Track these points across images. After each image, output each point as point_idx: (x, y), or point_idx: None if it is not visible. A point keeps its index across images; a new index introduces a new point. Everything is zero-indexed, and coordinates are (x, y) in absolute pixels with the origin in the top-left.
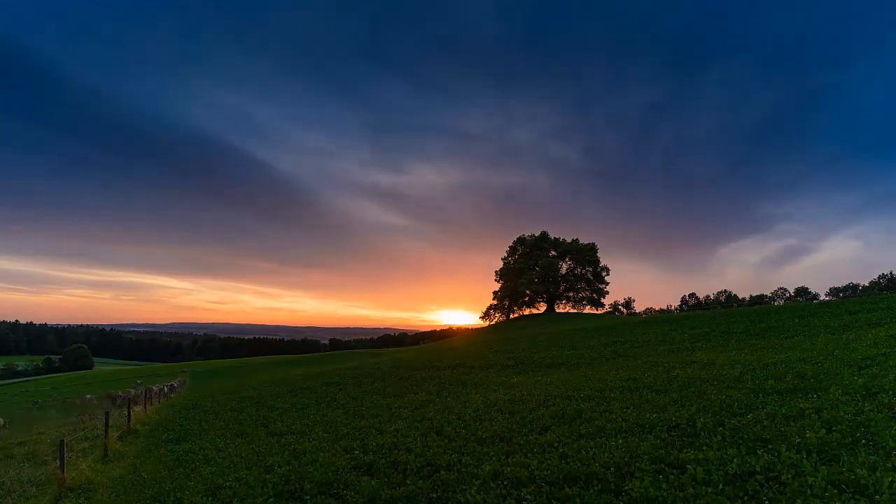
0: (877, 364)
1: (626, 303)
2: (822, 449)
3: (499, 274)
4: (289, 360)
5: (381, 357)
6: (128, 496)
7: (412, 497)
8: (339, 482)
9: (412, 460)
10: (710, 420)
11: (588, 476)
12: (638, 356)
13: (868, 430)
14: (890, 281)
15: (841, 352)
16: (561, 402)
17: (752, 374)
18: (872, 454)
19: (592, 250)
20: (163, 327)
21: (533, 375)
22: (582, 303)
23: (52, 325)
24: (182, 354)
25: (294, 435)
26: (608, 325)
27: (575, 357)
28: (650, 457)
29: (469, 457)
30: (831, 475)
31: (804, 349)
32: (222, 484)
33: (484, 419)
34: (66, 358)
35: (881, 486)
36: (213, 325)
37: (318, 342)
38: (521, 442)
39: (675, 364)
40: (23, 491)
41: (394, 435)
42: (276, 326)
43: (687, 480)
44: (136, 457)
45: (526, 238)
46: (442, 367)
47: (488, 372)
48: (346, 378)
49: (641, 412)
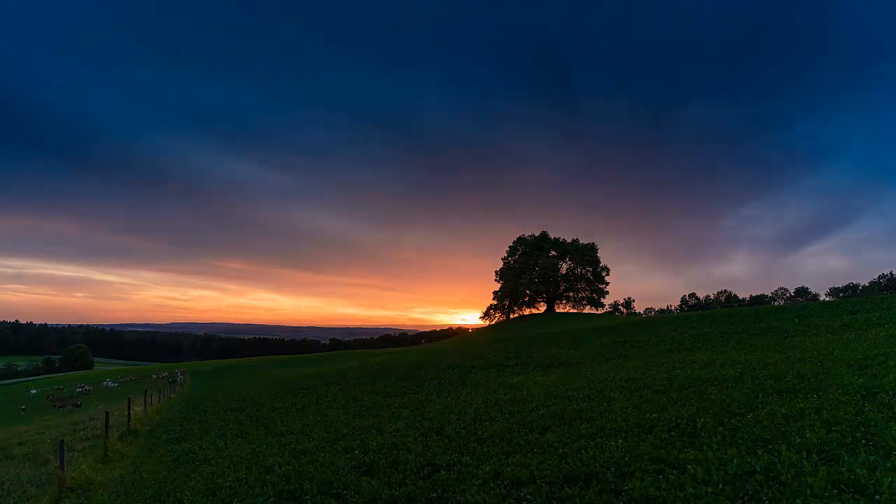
0: (877, 364)
1: (626, 303)
2: (822, 449)
3: (499, 274)
4: (289, 360)
5: (381, 357)
6: (128, 496)
7: (412, 497)
8: (339, 482)
9: (412, 460)
10: (710, 420)
11: (588, 476)
12: (638, 356)
13: (868, 430)
14: (890, 281)
15: (841, 352)
16: (561, 402)
17: (752, 374)
18: (872, 454)
19: (592, 250)
20: (163, 327)
21: (533, 375)
22: (582, 303)
23: (52, 325)
24: (182, 354)
25: (294, 435)
26: (608, 325)
27: (575, 357)
28: (650, 457)
29: (469, 457)
30: (831, 475)
31: (804, 349)
32: (222, 484)
33: (484, 419)
34: (66, 358)
35: (881, 486)
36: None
37: (318, 342)
38: (521, 442)
39: (675, 364)
40: (23, 491)
41: (394, 435)
42: (277, 326)
43: (687, 480)
44: (136, 457)
45: (526, 238)
46: (442, 367)
47: (488, 372)
48: (346, 378)
49: (641, 412)
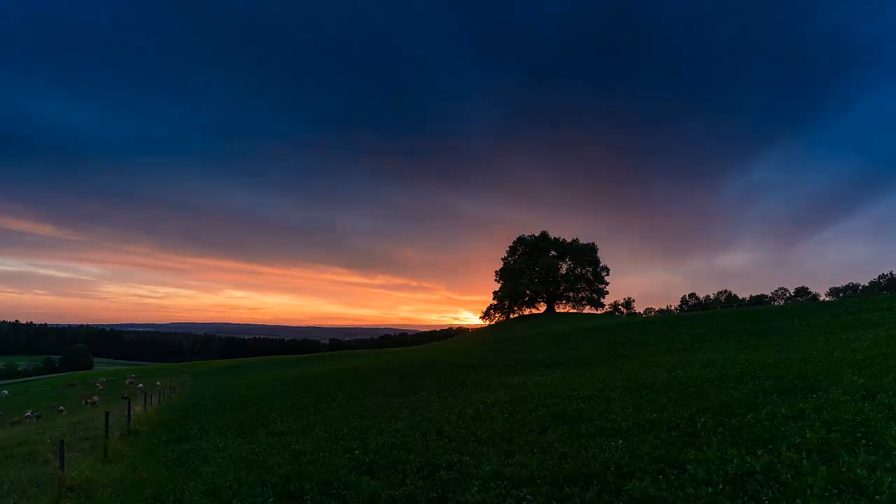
0: (877, 364)
1: (626, 303)
2: (822, 449)
3: (499, 274)
4: (289, 360)
5: (382, 357)
6: (128, 496)
7: (412, 497)
8: (339, 482)
9: (412, 460)
10: (710, 420)
11: (588, 476)
12: (638, 356)
13: (868, 430)
14: (890, 281)
15: (841, 352)
16: (561, 402)
17: (752, 374)
18: (872, 454)
19: (592, 250)
20: (163, 327)
21: (533, 375)
22: (582, 303)
23: (52, 325)
24: (182, 354)
25: (294, 435)
26: (608, 325)
27: (575, 357)
28: (650, 457)
29: (469, 457)
30: (831, 475)
31: (804, 349)
32: (222, 484)
33: (484, 419)
34: (66, 358)
35: (881, 486)
36: (214, 325)
37: (319, 342)
38: (521, 442)
39: (675, 364)
40: (23, 491)
41: (394, 435)
42: (277, 326)
43: (687, 480)
44: (136, 457)
45: (526, 238)
46: (442, 367)
47: (488, 372)
48: (347, 378)
49: (641, 412)
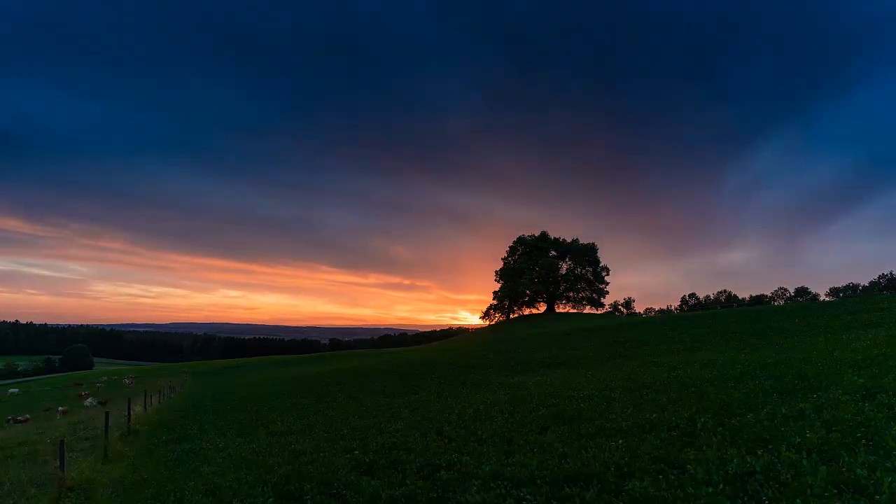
0: (877, 364)
1: (626, 302)
2: (822, 449)
3: (499, 274)
4: (289, 360)
5: (382, 357)
6: (128, 496)
7: (412, 497)
8: (339, 482)
9: (412, 460)
10: (710, 420)
11: (588, 476)
12: (638, 356)
13: (868, 430)
14: (890, 281)
15: (841, 352)
16: (561, 402)
17: (752, 374)
18: (872, 454)
19: (592, 250)
20: (163, 327)
21: (533, 375)
22: (582, 303)
23: (52, 325)
24: (182, 354)
25: (294, 435)
26: (608, 325)
27: (575, 357)
28: (650, 457)
29: (469, 457)
30: (831, 475)
31: (804, 349)
32: (222, 484)
33: (484, 419)
34: (66, 358)
35: (881, 486)
36: (213, 325)
37: (319, 342)
38: (521, 442)
39: (675, 364)
40: (23, 491)
41: (394, 435)
42: (277, 326)
43: (687, 480)
44: (136, 457)
45: (526, 238)
46: (442, 367)
47: (488, 372)
48: (347, 378)
49: (641, 412)
